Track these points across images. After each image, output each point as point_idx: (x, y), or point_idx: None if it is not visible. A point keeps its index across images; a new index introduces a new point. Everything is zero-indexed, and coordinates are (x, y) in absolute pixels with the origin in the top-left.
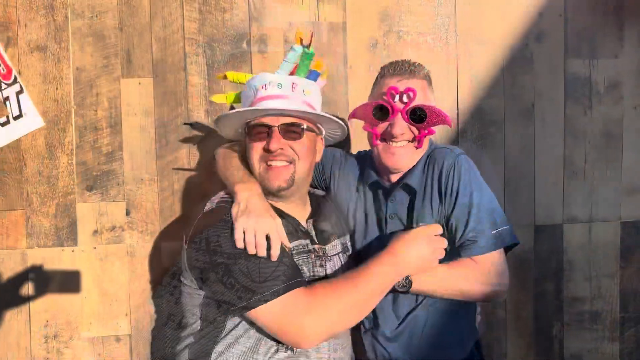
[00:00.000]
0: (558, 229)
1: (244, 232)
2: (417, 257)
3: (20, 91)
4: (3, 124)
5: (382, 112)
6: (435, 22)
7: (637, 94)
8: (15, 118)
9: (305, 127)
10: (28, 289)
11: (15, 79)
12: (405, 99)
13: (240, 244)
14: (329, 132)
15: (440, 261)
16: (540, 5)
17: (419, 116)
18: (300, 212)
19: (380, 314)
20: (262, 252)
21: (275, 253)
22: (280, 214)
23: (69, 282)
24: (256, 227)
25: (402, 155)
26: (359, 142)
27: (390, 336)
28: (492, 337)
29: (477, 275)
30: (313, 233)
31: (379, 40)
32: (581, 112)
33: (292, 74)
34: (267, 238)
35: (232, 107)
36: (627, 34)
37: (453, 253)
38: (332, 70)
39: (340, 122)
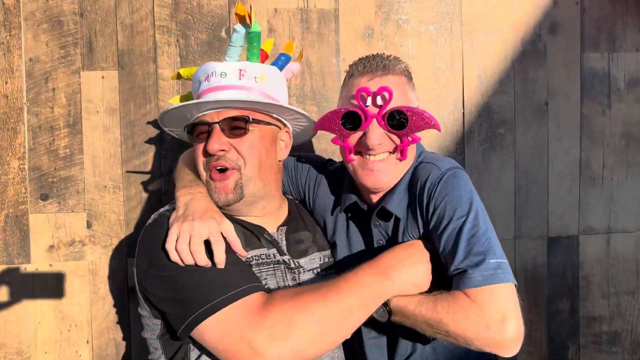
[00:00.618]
0: (573, 240)
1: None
2: (408, 272)
3: None
4: None
5: (352, 120)
6: (438, 9)
7: None
8: None
9: (250, 119)
10: None
11: None
12: (379, 101)
13: (172, 255)
14: (295, 124)
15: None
16: None
17: (398, 121)
18: (271, 218)
19: None
20: (202, 260)
21: (219, 259)
22: (240, 223)
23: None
24: (192, 232)
25: (383, 171)
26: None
27: None
28: None
29: (468, 313)
30: (284, 243)
31: (375, 29)
32: (599, 111)
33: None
34: (209, 244)
35: None
36: None
37: (444, 285)
38: (322, 63)
39: (299, 110)
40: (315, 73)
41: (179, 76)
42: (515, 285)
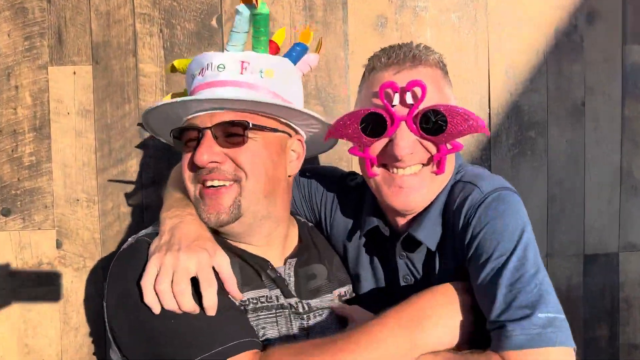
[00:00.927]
0: (613, 258)
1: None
2: (447, 324)
3: None
4: None
5: (375, 123)
6: None
7: None
8: None
9: (250, 125)
10: None
11: None
12: (409, 99)
13: (147, 297)
14: (308, 132)
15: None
16: None
17: (435, 123)
18: (277, 248)
19: None
20: (187, 305)
21: (209, 304)
22: (238, 253)
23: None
24: (176, 267)
25: (414, 188)
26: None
27: None
28: None
29: None
30: (292, 280)
31: (389, 18)
32: None
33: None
34: (196, 281)
35: None
36: None
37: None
38: (328, 56)
39: (315, 115)
40: (320, 68)
41: (173, 69)
42: (575, 349)
